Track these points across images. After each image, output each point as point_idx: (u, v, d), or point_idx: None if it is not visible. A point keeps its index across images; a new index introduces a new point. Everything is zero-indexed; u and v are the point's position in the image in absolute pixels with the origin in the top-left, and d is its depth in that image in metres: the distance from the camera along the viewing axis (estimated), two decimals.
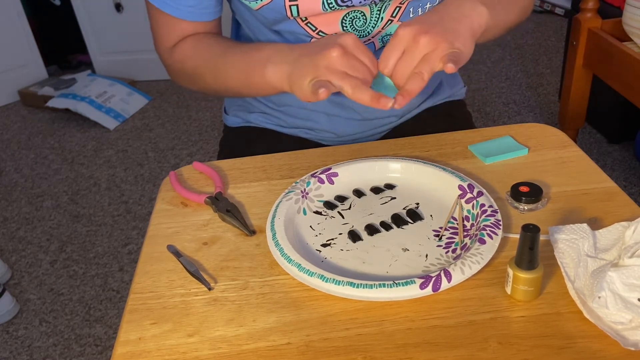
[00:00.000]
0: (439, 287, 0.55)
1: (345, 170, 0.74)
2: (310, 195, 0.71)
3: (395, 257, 0.62)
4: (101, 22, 2.94)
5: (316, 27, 0.80)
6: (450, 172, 0.70)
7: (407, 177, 0.73)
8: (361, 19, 0.80)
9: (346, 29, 0.80)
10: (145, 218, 2.07)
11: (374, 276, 0.60)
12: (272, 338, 0.54)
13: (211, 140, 2.53)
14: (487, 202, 0.65)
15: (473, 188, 0.67)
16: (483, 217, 0.63)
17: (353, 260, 0.62)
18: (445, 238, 0.64)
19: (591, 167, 0.73)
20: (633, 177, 2.03)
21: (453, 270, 0.56)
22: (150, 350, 0.54)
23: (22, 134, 2.75)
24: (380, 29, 0.82)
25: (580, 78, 1.95)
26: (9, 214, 2.17)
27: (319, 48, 0.67)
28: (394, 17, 0.81)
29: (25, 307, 1.73)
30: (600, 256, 0.57)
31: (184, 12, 0.81)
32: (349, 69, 0.66)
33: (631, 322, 0.51)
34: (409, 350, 0.51)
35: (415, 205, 0.69)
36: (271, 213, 0.67)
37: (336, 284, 0.56)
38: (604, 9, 1.96)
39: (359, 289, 0.55)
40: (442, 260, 0.61)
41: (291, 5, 0.76)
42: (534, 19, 3.46)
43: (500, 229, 0.61)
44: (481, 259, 0.57)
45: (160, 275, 0.63)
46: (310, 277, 0.57)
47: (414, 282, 0.55)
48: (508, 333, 0.52)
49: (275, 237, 0.63)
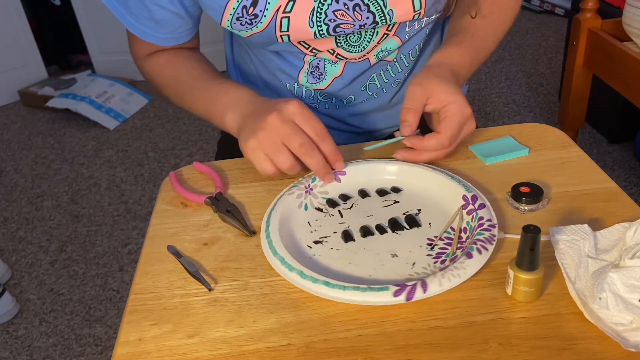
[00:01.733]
0: (413, 296, 0.54)
1: (354, 169, 0.73)
2: (314, 192, 0.71)
3: (382, 262, 0.61)
4: (101, 22, 2.94)
5: (309, 45, 0.80)
6: (458, 180, 0.68)
7: (414, 182, 0.72)
8: (356, 35, 0.79)
9: (340, 45, 0.80)
10: (145, 218, 2.07)
11: (356, 278, 0.59)
12: (272, 339, 0.54)
13: (211, 140, 2.53)
14: (486, 216, 0.63)
15: (476, 200, 0.65)
16: (478, 231, 0.61)
17: (340, 260, 0.62)
18: (437, 248, 0.62)
19: (592, 168, 0.73)
20: (633, 177, 2.03)
21: (431, 282, 0.55)
22: (150, 351, 0.54)
23: (22, 134, 2.75)
24: (375, 43, 0.81)
25: (580, 78, 1.95)
26: (9, 214, 2.17)
27: (264, 110, 0.68)
28: (390, 31, 0.80)
29: (25, 307, 1.73)
30: (601, 257, 0.57)
31: (159, 40, 0.82)
32: (284, 136, 0.66)
33: (632, 323, 0.51)
34: (409, 352, 0.51)
35: (417, 212, 0.68)
36: (270, 206, 0.68)
37: (313, 281, 0.56)
38: (604, 9, 1.96)
39: (332, 289, 0.55)
40: (428, 270, 0.59)
41: (282, 35, 0.76)
42: (534, 19, 3.46)
43: (493, 245, 0.59)
44: (463, 273, 0.56)
45: (160, 275, 0.63)
46: (290, 272, 0.58)
47: (388, 288, 0.54)
48: (509, 334, 0.52)
49: (268, 229, 0.64)
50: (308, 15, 0.74)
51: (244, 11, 0.73)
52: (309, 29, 0.75)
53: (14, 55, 3.00)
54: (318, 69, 0.84)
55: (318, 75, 0.85)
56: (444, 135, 0.69)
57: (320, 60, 0.83)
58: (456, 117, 0.70)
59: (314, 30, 0.75)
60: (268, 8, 0.72)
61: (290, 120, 0.66)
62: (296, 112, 0.67)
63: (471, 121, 0.72)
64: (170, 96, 0.86)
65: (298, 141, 0.66)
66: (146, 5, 0.75)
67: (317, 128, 0.67)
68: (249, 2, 0.72)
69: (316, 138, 0.67)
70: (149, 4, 0.75)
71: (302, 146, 0.66)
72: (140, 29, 0.80)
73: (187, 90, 0.81)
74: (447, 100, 0.70)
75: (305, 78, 0.86)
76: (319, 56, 0.82)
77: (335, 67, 0.84)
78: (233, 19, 0.74)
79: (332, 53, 0.81)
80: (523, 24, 3.41)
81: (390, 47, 0.83)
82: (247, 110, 0.72)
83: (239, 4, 0.72)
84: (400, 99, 0.94)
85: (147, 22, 0.78)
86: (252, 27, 0.75)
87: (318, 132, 0.67)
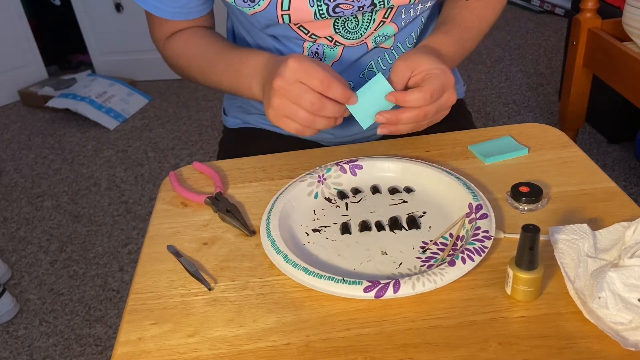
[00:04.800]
0: (383, 294, 0.54)
1: (370, 166, 0.74)
2: (327, 182, 0.72)
3: (370, 258, 0.62)
4: (101, 22, 2.94)
5: (309, 30, 0.81)
6: (469, 188, 0.67)
7: (427, 184, 0.71)
8: (353, 22, 0.80)
9: (338, 31, 0.81)
10: (145, 218, 2.07)
11: (339, 270, 0.60)
12: (272, 338, 0.54)
13: (211, 140, 2.53)
14: (484, 226, 0.62)
15: (480, 209, 0.64)
16: (470, 240, 0.60)
17: (331, 250, 0.63)
18: (429, 252, 0.62)
19: (591, 168, 0.73)
20: (633, 177, 2.03)
21: (404, 283, 0.55)
22: (150, 351, 0.54)
23: (22, 134, 2.75)
24: (373, 30, 0.82)
25: (580, 78, 1.95)
26: (9, 214, 2.17)
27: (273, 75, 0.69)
28: (386, 18, 0.81)
29: (25, 307, 1.73)
30: (600, 256, 0.57)
31: (170, 13, 0.83)
32: (295, 100, 0.67)
33: (631, 323, 0.51)
34: (409, 351, 0.51)
35: (421, 214, 0.68)
36: (280, 191, 0.70)
37: (293, 266, 0.58)
38: (604, 9, 1.96)
39: (309, 276, 0.57)
40: (412, 272, 0.59)
41: (283, 15, 0.77)
42: (534, 19, 3.46)
43: (481, 257, 0.58)
44: (440, 279, 0.55)
45: (160, 275, 0.63)
46: (277, 254, 0.60)
47: (360, 283, 0.55)
48: (508, 333, 0.52)
49: (270, 212, 0.66)
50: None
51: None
52: (309, 8, 0.75)
53: (14, 55, 3.00)
54: (317, 54, 0.85)
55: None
56: (427, 89, 0.69)
57: (319, 46, 0.84)
58: (439, 78, 0.70)
59: (314, 9, 0.76)
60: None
61: (293, 80, 0.67)
62: (295, 68, 0.67)
63: (452, 91, 0.72)
64: (195, 75, 0.86)
65: (307, 101, 0.66)
66: None
67: (319, 77, 0.66)
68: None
69: (322, 88, 0.67)
70: None
71: (312, 104, 0.67)
72: (151, 3, 0.81)
73: (212, 66, 0.82)
74: (431, 67, 0.71)
75: None
76: (318, 42, 0.83)
77: (334, 51, 0.85)
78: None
79: (331, 40, 0.82)
80: (523, 24, 3.41)
81: (387, 32, 0.84)
82: (265, 77, 0.73)
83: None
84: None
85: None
86: (255, 5, 0.76)
87: (322, 81, 0.66)
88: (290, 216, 0.68)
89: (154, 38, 0.90)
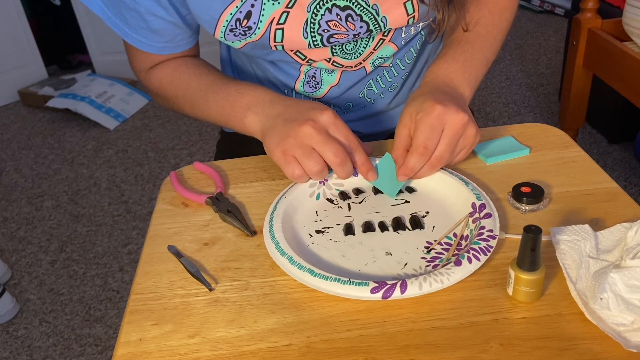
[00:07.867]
0: (390, 295, 0.54)
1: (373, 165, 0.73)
2: (329, 182, 0.72)
3: (374, 259, 0.61)
4: (101, 22, 2.92)
5: (305, 56, 0.80)
6: (472, 187, 0.67)
7: (430, 184, 0.71)
8: (351, 43, 0.79)
9: (336, 54, 0.79)
10: (145, 218, 2.07)
11: (345, 271, 0.60)
12: (273, 339, 0.54)
13: (211, 140, 2.53)
14: (489, 226, 0.62)
15: (483, 209, 0.64)
16: (475, 240, 0.60)
17: (335, 251, 0.63)
18: (434, 252, 0.62)
19: (593, 168, 0.73)
20: (633, 177, 2.03)
21: (411, 284, 0.55)
22: (151, 352, 0.54)
23: (22, 134, 2.75)
24: (371, 49, 0.81)
25: (580, 78, 1.95)
26: (9, 214, 2.17)
27: (296, 115, 0.68)
28: (386, 37, 0.80)
29: (25, 307, 1.73)
30: (602, 257, 0.57)
31: (157, 48, 0.80)
32: (318, 144, 0.66)
33: (633, 324, 0.51)
34: (410, 352, 0.51)
35: (424, 214, 0.67)
36: (281, 193, 0.69)
37: (299, 267, 0.57)
38: (604, 9, 1.96)
39: (315, 278, 0.56)
40: (417, 272, 0.59)
41: (276, 45, 0.76)
42: (534, 19, 3.47)
43: (487, 256, 0.58)
44: (447, 279, 0.55)
45: (161, 275, 0.62)
46: (282, 256, 0.59)
47: (367, 284, 0.55)
48: (510, 334, 0.52)
49: (273, 213, 0.66)
50: (302, 26, 0.73)
51: (237, 23, 0.72)
52: (303, 39, 0.74)
53: (14, 55, 3.00)
54: (314, 78, 0.84)
55: (314, 84, 0.85)
56: (415, 143, 0.67)
57: (316, 70, 0.83)
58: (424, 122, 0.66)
59: (308, 40, 0.75)
60: (262, 20, 0.72)
61: (324, 130, 0.66)
62: (330, 122, 0.67)
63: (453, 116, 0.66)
64: (181, 105, 0.84)
65: (333, 150, 0.66)
66: (142, 16, 0.74)
67: (349, 138, 0.68)
68: (242, 15, 0.71)
69: (349, 148, 0.68)
70: (145, 14, 0.73)
71: (336, 155, 0.66)
72: (137, 39, 0.78)
73: (201, 96, 0.80)
74: (413, 114, 0.67)
75: (302, 87, 0.86)
76: (315, 65, 0.82)
77: (331, 76, 0.84)
78: (226, 30, 0.73)
79: (329, 61, 0.81)
80: (523, 24, 3.41)
81: (386, 54, 0.83)
82: (272, 111, 0.71)
83: (232, 16, 0.71)
84: (399, 101, 0.93)
85: (144, 32, 0.77)
86: (246, 38, 0.74)
87: (351, 142, 0.68)
88: (293, 218, 0.67)
89: (135, 67, 0.86)
